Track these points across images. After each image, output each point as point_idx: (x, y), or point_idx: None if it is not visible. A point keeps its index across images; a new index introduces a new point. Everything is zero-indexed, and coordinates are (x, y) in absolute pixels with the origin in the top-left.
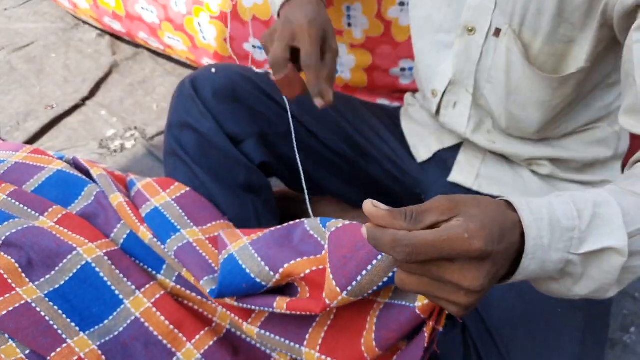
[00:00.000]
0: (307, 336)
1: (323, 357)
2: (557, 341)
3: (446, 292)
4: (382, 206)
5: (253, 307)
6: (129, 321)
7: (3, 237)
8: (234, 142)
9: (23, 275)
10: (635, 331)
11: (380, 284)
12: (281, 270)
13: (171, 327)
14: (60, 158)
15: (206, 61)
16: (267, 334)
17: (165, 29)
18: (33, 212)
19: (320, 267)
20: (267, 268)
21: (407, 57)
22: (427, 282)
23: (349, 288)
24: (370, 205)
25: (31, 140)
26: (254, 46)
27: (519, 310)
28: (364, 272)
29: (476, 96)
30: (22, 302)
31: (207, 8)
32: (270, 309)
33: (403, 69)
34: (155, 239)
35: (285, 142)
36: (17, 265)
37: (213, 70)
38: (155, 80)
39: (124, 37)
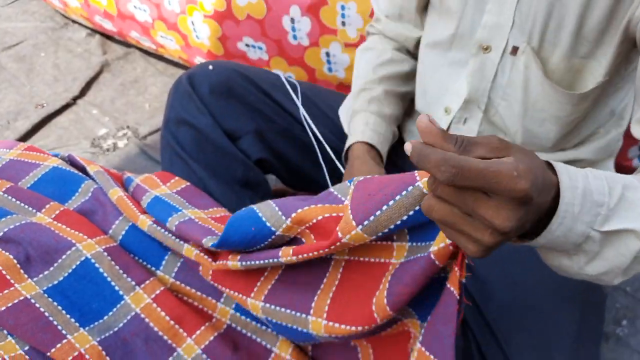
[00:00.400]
0: (313, 304)
1: (330, 323)
2: (554, 335)
3: (472, 228)
4: (437, 124)
5: (256, 263)
6: (129, 317)
7: (1, 233)
8: (231, 138)
9: (22, 271)
10: (627, 324)
11: (399, 222)
12: (293, 214)
13: (171, 322)
14: (55, 155)
15: (199, 60)
16: (272, 306)
17: (158, 28)
18: (30, 209)
19: (334, 214)
20: (279, 212)
21: None
22: (456, 212)
23: (366, 222)
24: (425, 119)
25: (22, 139)
26: (247, 45)
27: (517, 304)
28: (384, 207)
29: (489, 113)
30: (21, 298)
31: (201, 7)
32: (276, 260)
33: None
34: (155, 225)
35: (282, 138)
36: (15, 261)
37: (210, 67)
38: (147, 79)
39: (114, 37)
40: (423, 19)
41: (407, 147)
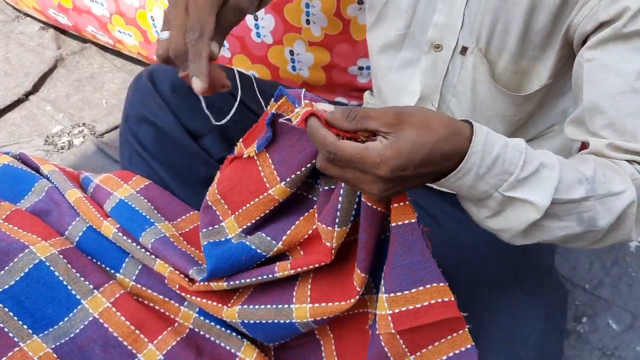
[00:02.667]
0: (294, 293)
1: (317, 305)
2: (521, 331)
3: (360, 189)
4: (332, 107)
5: (247, 281)
6: (86, 322)
7: None
8: (193, 137)
9: None
10: (587, 321)
11: (357, 200)
12: (284, 237)
13: (132, 327)
14: (6, 154)
15: None
16: (251, 306)
17: (116, 22)
18: None
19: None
20: (268, 238)
21: (365, 56)
22: (345, 177)
23: (337, 220)
24: (327, 105)
25: None
26: None
27: (483, 301)
28: (340, 199)
29: (441, 109)
30: None
31: (161, 1)
32: (271, 275)
33: (361, 68)
34: (120, 233)
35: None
36: None
37: None
38: (104, 76)
39: (69, 31)
40: None
41: (308, 122)
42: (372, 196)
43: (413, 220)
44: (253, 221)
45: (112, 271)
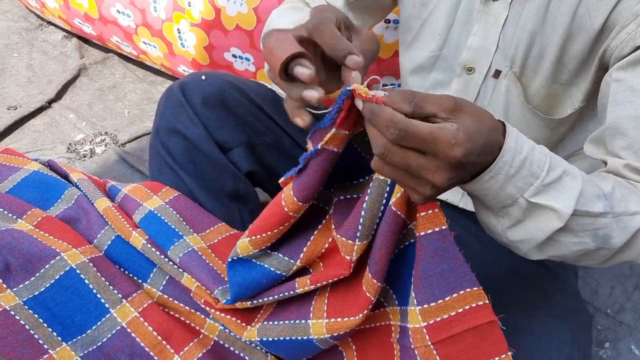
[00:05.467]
0: (311, 308)
1: (332, 320)
2: (548, 355)
3: (415, 183)
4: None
5: (270, 299)
6: (114, 331)
7: None
8: (222, 149)
9: (0, 281)
10: (610, 346)
11: (380, 214)
12: (301, 255)
13: (159, 338)
14: (35, 160)
15: (182, 69)
16: (271, 323)
17: (142, 34)
18: (10, 215)
19: (332, 234)
20: (286, 258)
21: (390, 74)
22: (401, 172)
23: (358, 234)
24: (378, 92)
25: None
26: (234, 55)
27: (511, 325)
28: (362, 213)
29: None
30: (0, 309)
31: (189, 15)
32: (292, 292)
33: (385, 85)
34: (149, 245)
35: (272, 151)
36: None
37: (203, 77)
38: (126, 86)
39: (92, 40)
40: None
41: (358, 104)
42: (431, 189)
43: (444, 227)
44: (269, 244)
45: (140, 281)
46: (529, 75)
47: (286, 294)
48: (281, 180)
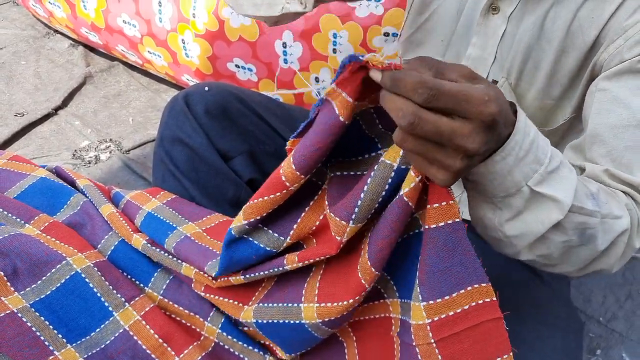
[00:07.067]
0: (303, 291)
1: (322, 304)
2: None
3: (445, 155)
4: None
5: (259, 274)
6: (117, 334)
7: None
8: (224, 158)
9: (8, 284)
10: (602, 354)
11: (380, 199)
12: (291, 232)
13: (160, 340)
14: (42, 167)
15: (186, 78)
16: (265, 304)
17: (147, 43)
18: (18, 220)
19: (325, 211)
20: (276, 234)
21: None
22: (429, 144)
23: (353, 216)
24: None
25: (1, 147)
26: (237, 66)
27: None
28: (362, 195)
29: None
30: (7, 311)
31: (193, 26)
32: (281, 268)
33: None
34: (149, 245)
35: (273, 160)
36: (2, 273)
37: (206, 88)
38: (130, 94)
39: (98, 49)
40: None
41: (375, 75)
42: (462, 161)
43: (458, 220)
44: (259, 217)
45: (141, 285)
46: (523, 87)
47: (276, 269)
48: (288, 142)
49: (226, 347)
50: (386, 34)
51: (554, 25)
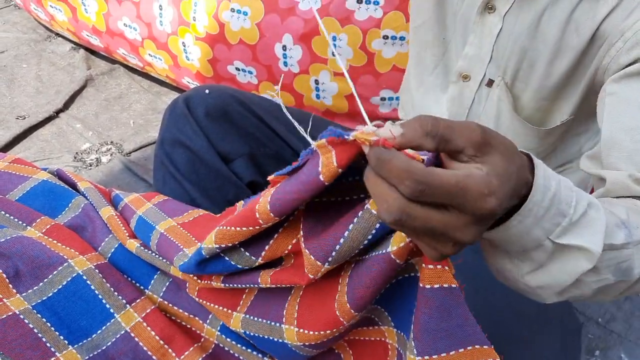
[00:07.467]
0: (284, 312)
1: (301, 330)
2: None
3: (435, 242)
4: (398, 127)
5: (238, 286)
6: (118, 335)
7: None
8: (224, 160)
9: (10, 286)
10: (600, 354)
11: (361, 246)
12: (263, 253)
13: (161, 342)
14: (44, 169)
15: (187, 80)
16: (251, 317)
17: (147, 46)
18: (20, 222)
19: (298, 236)
20: (247, 254)
21: (388, 87)
22: (419, 234)
23: (330, 259)
24: (389, 127)
25: (2, 150)
26: (237, 68)
27: (499, 333)
28: (341, 241)
29: None
30: (10, 313)
31: (194, 29)
32: (255, 285)
33: (383, 98)
34: (142, 247)
35: (273, 162)
36: (4, 275)
37: (207, 91)
38: (131, 96)
39: (99, 52)
40: None
41: (366, 150)
42: (454, 247)
43: (454, 286)
44: (230, 244)
45: (142, 287)
46: (519, 87)
47: (251, 285)
48: (271, 177)
49: (226, 349)
50: (385, 37)
51: (549, 25)
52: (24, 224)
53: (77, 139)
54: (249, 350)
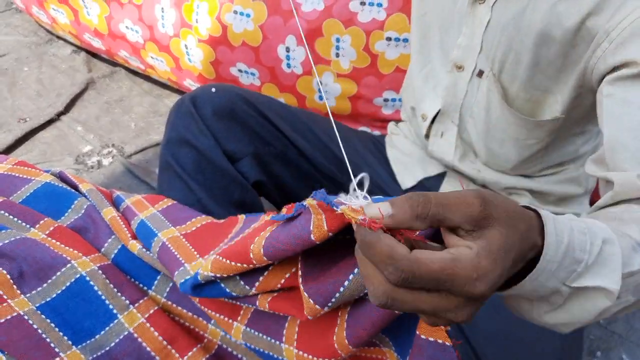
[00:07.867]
0: (284, 332)
1: (300, 352)
2: None
3: (427, 318)
4: (387, 205)
5: (239, 303)
6: (121, 336)
7: None
8: (230, 160)
9: (14, 287)
10: (602, 355)
11: (361, 294)
12: (257, 283)
13: (164, 342)
14: (46, 172)
15: (189, 83)
16: (252, 331)
17: (149, 49)
18: (24, 224)
19: (293, 270)
20: (242, 283)
21: (391, 88)
22: (418, 308)
23: (329, 304)
24: (380, 204)
25: (4, 153)
26: (240, 70)
27: (501, 334)
28: (341, 289)
29: (460, 129)
30: (14, 314)
31: (196, 31)
32: (254, 306)
33: (386, 100)
34: (144, 249)
35: (278, 161)
36: (8, 276)
37: (213, 89)
38: (132, 99)
39: (101, 55)
40: None
41: (355, 228)
42: (450, 323)
43: (448, 344)
44: (225, 275)
45: (145, 288)
46: (505, 78)
47: (249, 305)
48: (268, 218)
49: (229, 349)
50: (388, 39)
51: (533, 17)
52: (28, 226)
53: (79, 142)
54: (253, 351)
